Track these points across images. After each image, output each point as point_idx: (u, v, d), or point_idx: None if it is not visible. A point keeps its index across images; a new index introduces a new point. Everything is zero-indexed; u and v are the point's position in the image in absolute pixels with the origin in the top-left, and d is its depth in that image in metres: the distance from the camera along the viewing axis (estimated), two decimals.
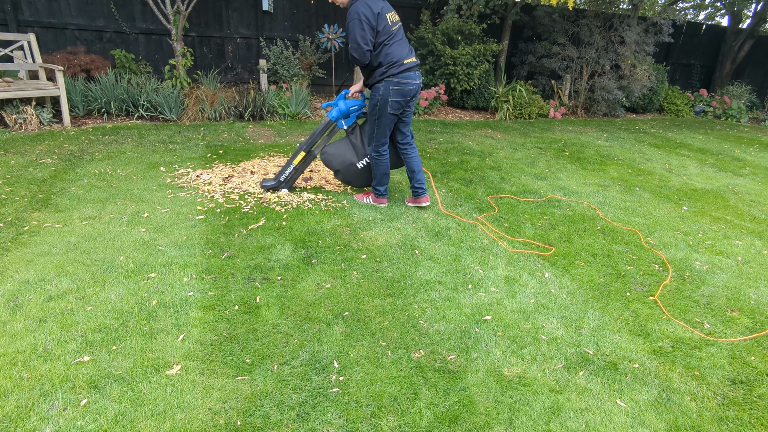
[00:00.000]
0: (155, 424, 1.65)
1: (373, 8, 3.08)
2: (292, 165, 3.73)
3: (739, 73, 11.75)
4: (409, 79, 3.25)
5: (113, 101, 6.00)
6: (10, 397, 1.73)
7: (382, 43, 3.17)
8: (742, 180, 5.28)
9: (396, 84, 3.21)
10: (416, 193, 3.68)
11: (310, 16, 7.96)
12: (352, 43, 3.15)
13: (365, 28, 3.07)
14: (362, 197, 3.74)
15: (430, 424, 1.73)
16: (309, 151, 3.69)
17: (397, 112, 3.31)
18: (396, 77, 3.20)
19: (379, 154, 3.46)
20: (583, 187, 4.59)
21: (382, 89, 3.22)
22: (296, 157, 3.70)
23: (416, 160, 3.60)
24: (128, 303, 2.31)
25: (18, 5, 6.28)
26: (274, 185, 3.80)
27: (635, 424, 1.79)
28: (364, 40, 3.10)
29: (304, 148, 3.67)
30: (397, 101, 3.26)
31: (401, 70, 3.21)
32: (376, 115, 3.31)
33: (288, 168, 3.75)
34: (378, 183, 3.61)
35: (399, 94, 3.24)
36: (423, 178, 3.62)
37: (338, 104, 3.65)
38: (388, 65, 3.18)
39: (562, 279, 2.82)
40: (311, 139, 3.66)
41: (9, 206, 3.29)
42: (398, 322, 2.30)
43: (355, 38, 3.11)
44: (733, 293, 2.78)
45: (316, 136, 3.66)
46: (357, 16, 3.06)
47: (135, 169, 4.24)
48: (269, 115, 6.58)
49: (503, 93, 8.23)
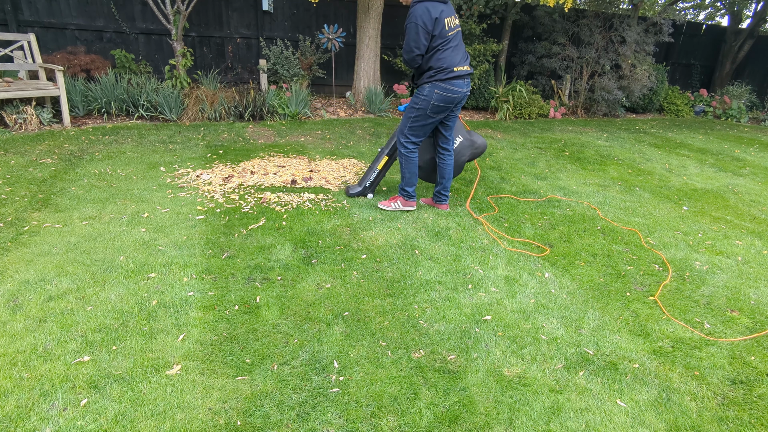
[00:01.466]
0: (155, 424, 1.65)
1: (432, 12, 3.03)
2: (376, 170, 3.74)
3: (739, 73, 11.75)
4: (456, 87, 3.19)
5: (113, 101, 6.00)
6: (10, 397, 1.73)
7: (436, 48, 3.11)
8: (742, 180, 5.28)
9: (442, 89, 3.16)
10: (439, 199, 3.67)
11: (310, 16, 7.96)
12: (405, 45, 3.13)
13: (420, 32, 3.03)
14: (388, 204, 3.60)
15: (430, 424, 1.73)
16: (391, 155, 3.71)
17: (436, 116, 3.27)
18: (443, 83, 3.15)
19: (407, 150, 3.41)
20: (583, 187, 4.59)
21: (426, 90, 3.19)
22: (379, 162, 3.73)
23: (450, 168, 3.56)
24: (128, 303, 2.31)
25: (18, 5, 6.28)
26: (361, 191, 3.82)
27: (635, 424, 1.79)
28: (416, 45, 3.06)
29: (386, 152, 3.70)
30: (439, 106, 3.21)
31: (450, 77, 3.15)
32: (413, 113, 3.27)
33: (372, 173, 3.76)
34: (407, 183, 3.52)
35: (443, 100, 3.19)
36: (449, 186, 3.61)
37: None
38: (437, 70, 3.14)
39: (562, 279, 2.82)
40: (392, 143, 3.69)
41: (9, 206, 3.29)
42: (398, 322, 2.30)
43: (408, 41, 3.09)
44: (733, 293, 2.78)
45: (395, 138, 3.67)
46: (415, 20, 3.02)
47: (135, 169, 4.24)
48: (269, 115, 6.58)
49: (503, 93, 8.23)
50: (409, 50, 3.10)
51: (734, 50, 11.03)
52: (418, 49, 3.08)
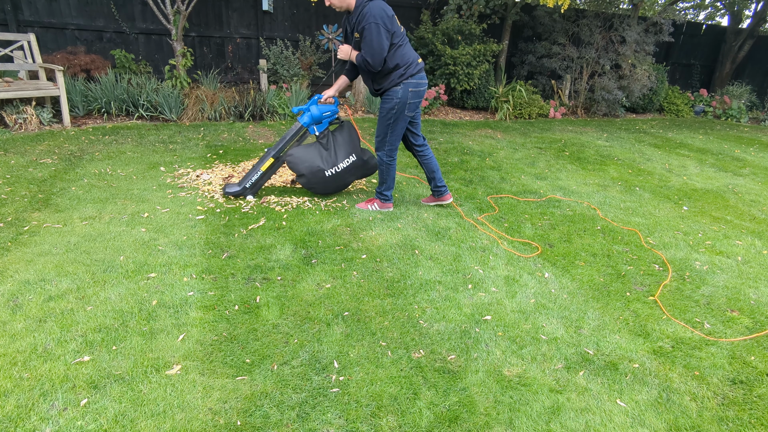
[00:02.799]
0: (155, 424, 1.65)
1: (387, 10, 3.02)
2: (260, 171, 3.57)
3: (739, 73, 11.75)
4: (423, 80, 3.22)
5: (113, 101, 6.00)
6: (10, 397, 1.73)
7: (397, 45, 3.11)
8: (742, 180, 5.28)
9: (414, 86, 3.16)
10: (439, 192, 3.67)
11: (310, 16, 7.96)
12: (367, 49, 3.01)
13: (382, 32, 2.98)
14: (365, 206, 3.60)
15: (430, 424, 1.73)
16: (278, 157, 3.57)
17: (411, 114, 3.27)
18: (414, 78, 3.16)
19: (391, 158, 3.40)
20: (583, 187, 4.59)
21: (401, 92, 3.15)
22: (264, 163, 3.55)
23: (433, 160, 3.55)
24: (128, 303, 2.31)
25: (18, 5, 6.28)
26: (239, 191, 3.61)
27: (635, 424, 1.79)
28: (381, 46, 3.00)
29: (272, 153, 3.54)
30: (414, 103, 3.22)
31: (417, 70, 3.17)
32: (392, 119, 3.23)
33: (255, 174, 3.58)
34: (387, 188, 3.53)
35: (416, 96, 3.20)
36: (441, 176, 3.60)
37: (310, 109, 3.51)
38: (405, 66, 3.12)
39: (562, 279, 2.82)
40: (280, 145, 3.55)
41: (9, 206, 3.29)
42: (398, 322, 2.30)
43: (371, 44, 2.99)
44: (733, 293, 2.78)
45: (286, 141, 3.55)
46: (374, 20, 2.96)
47: (135, 169, 4.24)
48: (269, 115, 6.58)
49: (503, 93, 8.23)
50: (374, 53, 3.01)
51: (734, 50, 11.02)
52: (383, 50, 3.02)
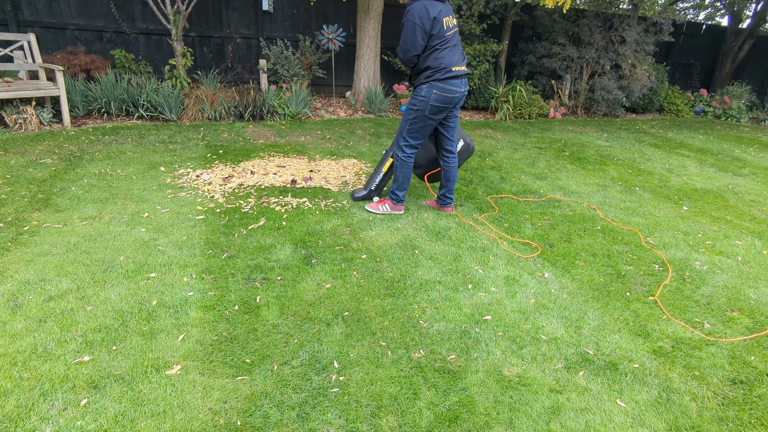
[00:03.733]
0: (155, 424, 1.65)
1: (431, 11, 2.98)
2: (381, 172, 3.68)
3: (739, 73, 11.75)
4: (454, 87, 3.15)
5: (113, 101, 6.00)
6: (10, 397, 1.73)
7: (434, 48, 3.06)
8: (742, 180, 5.28)
9: (440, 89, 3.12)
10: (443, 202, 3.65)
11: (310, 16, 7.95)
12: (402, 44, 3.07)
13: (417, 31, 2.98)
14: (376, 207, 3.56)
15: (430, 424, 1.73)
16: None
17: (435, 117, 3.23)
18: (441, 83, 3.11)
19: (405, 155, 3.37)
20: (583, 187, 4.59)
21: (424, 91, 3.14)
22: (384, 165, 3.66)
23: (454, 171, 3.52)
24: (128, 303, 2.31)
25: (18, 5, 6.28)
26: (366, 195, 3.75)
27: (635, 424, 1.79)
28: (413, 45, 3.01)
29: (391, 154, 3.63)
30: (438, 106, 3.17)
31: (448, 77, 3.11)
32: (412, 115, 3.23)
33: (378, 176, 3.70)
34: (399, 188, 3.47)
35: (441, 100, 3.15)
36: (453, 188, 3.59)
37: None
38: (435, 70, 3.09)
39: (562, 279, 2.82)
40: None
41: (9, 206, 3.29)
42: (398, 322, 2.30)
43: (405, 40, 3.03)
44: (733, 293, 2.78)
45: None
46: (412, 18, 2.96)
47: (135, 169, 4.24)
48: (269, 115, 6.58)
49: (503, 93, 8.23)
50: (406, 50, 3.06)
51: (734, 50, 11.02)
52: (415, 49, 3.04)
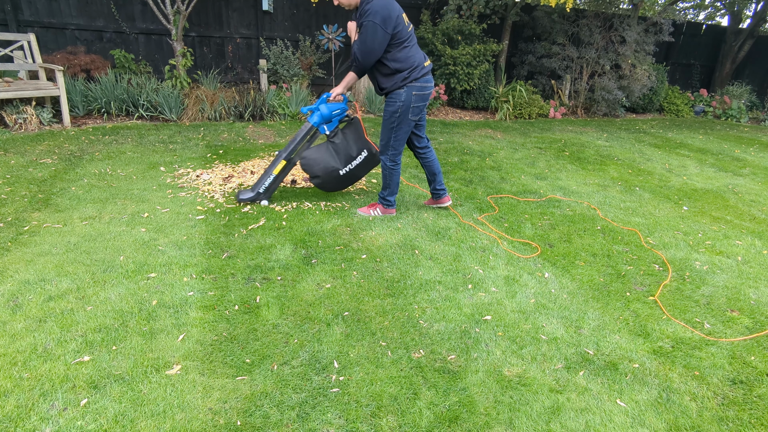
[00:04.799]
0: (155, 424, 1.65)
1: (392, 10, 2.91)
2: (272, 175, 3.49)
3: (739, 73, 11.75)
4: (428, 83, 3.14)
5: (113, 101, 6.00)
6: (10, 397, 1.73)
7: (401, 45, 3.00)
8: (742, 180, 5.28)
9: (418, 89, 3.09)
10: (438, 195, 3.63)
11: (310, 16, 7.96)
12: (361, 46, 2.93)
13: (378, 32, 2.88)
14: (367, 210, 3.52)
15: (430, 424, 1.73)
16: (289, 159, 3.51)
17: (415, 118, 3.20)
18: (418, 81, 3.08)
19: (394, 163, 3.33)
20: (583, 187, 4.59)
21: (404, 95, 3.07)
22: (276, 166, 3.48)
23: (436, 162, 3.51)
24: (128, 303, 2.31)
25: (18, 5, 6.28)
26: (254, 197, 3.55)
27: (635, 424, 1.79)
28: (375, 47, 2.92)
29: (284, 156, 3.48)
30: (418, 106, 3.14)
31: (423, 74, 3.08)
32: (395, 122, 3.16)
33: (267, 178, 3.50)
34: (390, 193, 3.45)
35: (420, 99, 3.12)
36: (442, 179, 3.57)
37: (320, 108, 3.44)
38: (410, 69, 3.04)
39: (562, 279, 2.82)
40: (291, 146, 3.49)
41: (9, 206, 3.29)
42: (398, 322, 2.30)
43: (365, 42, 2.92)
44: (733, 293, 2.78)
45: (297, 142, 3.49)
46: (373, 18, 2.86)
47: (135, 169, 4.24)
48: (269, 115, 6.58)
49: (503, 93, 8.23)
50: (366, 52, 2.92)
51: (734, 50, 11.02)
52: (375, 50, 2.93)
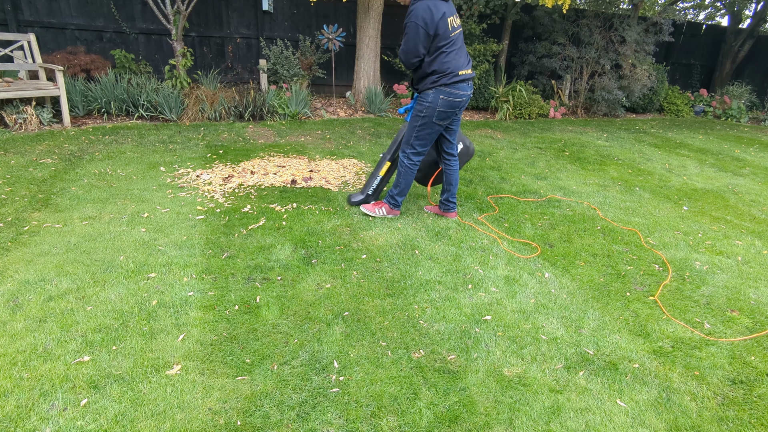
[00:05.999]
0: (155, 424, 1.65)
1: (435, 12, 2.88)
2: (379, 176, 3.61)
3: (739, 73, 11.74)
4: (461, 91, 3.08)
5: (113, 101, 6.00)
6: (10, 397, 1.73)
7: (440, 50, 2.96)
8: (742, 180, 5.28)
9: (447, 94, 3.04)
10: (447, 207, 3.57)
11: (310, 16, 7.96)
12: (404, 46, 2.97)
13: (420, 33, 2.87)
14: (372, 209, 3.50)
15: (430, 424, 1.73)
16: (393, 160, 3.61)
17: (442, 123, 3.17)
18: (448, 87, 3.03)
19: (412, 162, 3.30)
20: (583, 187, 4.59)
21: (431, 97, 3.06)
22: (381, 168, 3.60)
23: (456, 174, 3.46)
24: (128, 303, 2.31)
25: (18, 5, 6.28)
26: (364, 199, 3.66)
27: (635, 424, 1.79)
28: (416, 48, 2.93)
29: (388, 158, 3.58)
30: (445, 111, 3.10)
31: (455, 81, 3.03)
32: (418, 121, 3.15)
33: (374, 180, 3.63)
34: (400, 193, 3.41)
35: (448, 105, 3.08)
36: (456, 192, 3.53)
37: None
38: (441, 74, 3.01)
39: (562, 279, 2.82)
40: (394, 147, 3.59)
41: (9, 206, 3.29)
42: (398, 322, 2.30)
43: (407, 42, 2.94)
44: (733, 293, 2.78)
45: (399, 143, 3.57)
46: (415, 19, 2.86)
47: (135, 169, 4.24)
48: (269, 115, 6.58)
49: (503, 93, 8.23)
50: (408, 52, 2.97)
51: (734, 50, 11.02)
52: (417, 51, 2.95)
